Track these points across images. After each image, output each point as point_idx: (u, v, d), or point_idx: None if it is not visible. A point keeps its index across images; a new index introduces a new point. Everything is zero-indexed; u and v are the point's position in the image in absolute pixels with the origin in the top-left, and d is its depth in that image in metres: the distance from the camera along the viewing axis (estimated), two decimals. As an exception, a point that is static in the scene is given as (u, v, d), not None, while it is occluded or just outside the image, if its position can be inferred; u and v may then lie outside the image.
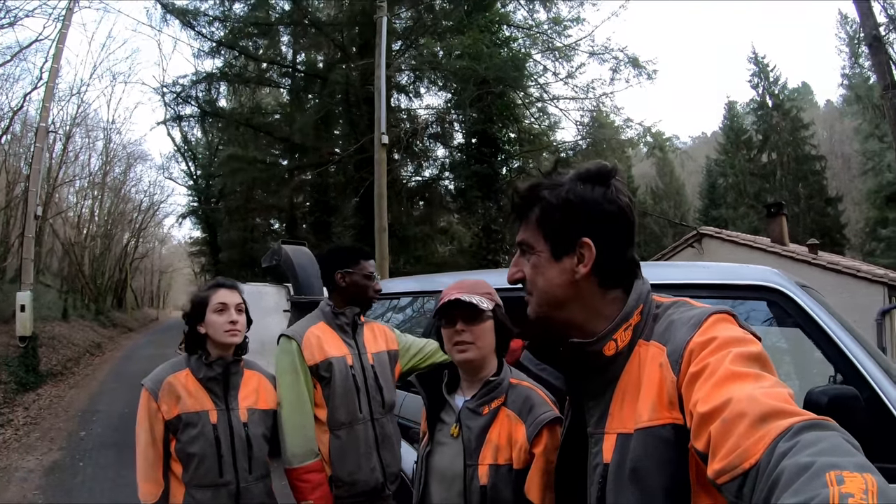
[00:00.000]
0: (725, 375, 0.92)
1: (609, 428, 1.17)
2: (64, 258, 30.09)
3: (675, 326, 1.12)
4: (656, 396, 1.08)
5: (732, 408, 0.85)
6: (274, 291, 9.03)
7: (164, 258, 65.08)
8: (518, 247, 1.32)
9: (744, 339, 1.02)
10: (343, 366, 2.68)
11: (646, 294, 1.24)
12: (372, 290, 2.83)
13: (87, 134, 30.63)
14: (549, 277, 1.24)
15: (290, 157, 23.42)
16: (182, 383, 2.39)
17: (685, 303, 1.21)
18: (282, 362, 2.68)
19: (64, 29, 15.20)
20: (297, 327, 2.81)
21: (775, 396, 0.85)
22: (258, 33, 19.97)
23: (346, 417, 2.64)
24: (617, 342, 1.18)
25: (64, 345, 18.46)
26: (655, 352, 1.13)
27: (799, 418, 0.79)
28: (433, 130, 19.61)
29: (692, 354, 1.02)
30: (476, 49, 15.60)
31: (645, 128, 19.41)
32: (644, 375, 1.13)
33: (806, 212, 38.10)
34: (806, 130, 41.46)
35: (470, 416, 1.83)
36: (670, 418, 1.05)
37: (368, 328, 2.92)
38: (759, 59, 43.94)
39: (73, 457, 8.08)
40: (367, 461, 2.65)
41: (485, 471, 1.73)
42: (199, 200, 33.90)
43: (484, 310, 1.82)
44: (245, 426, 2.44)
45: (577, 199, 1.22)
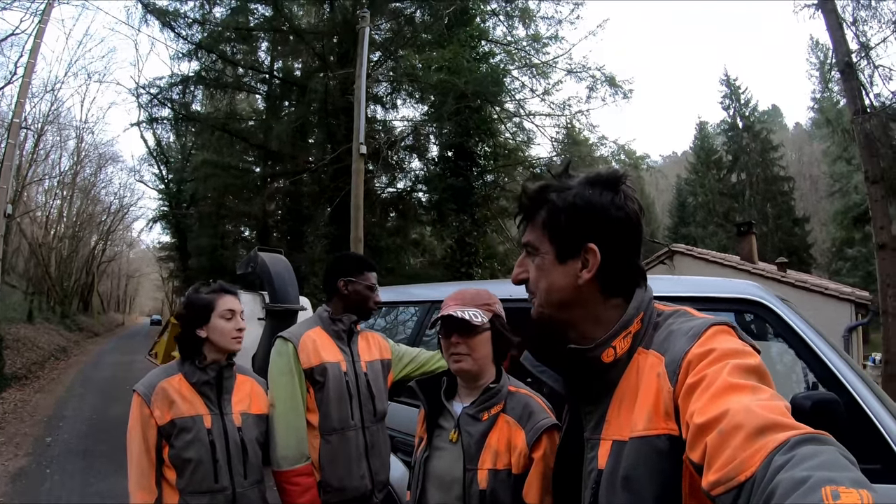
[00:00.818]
0: (723, 387, 0.92)
1: (605, 434, 1.17)
2: (30, 259, 29.65)
3: (674, 336, 1.12)
4: (653, 406, 1.08)
5: (729, 419, 0.85)
6: (249, 299, 8.95)
7: (132, 262, 64.19)
8: (524, 248, 1.32)
9: (742, 351, 1.02)
10: (337, 371, 2.69)
11: (647, 302, 1.24)
12: (373, 300, 2.86)
13: (60, 132, 30.44)
14: (552, 280, 1.24)
15: (264, 165, 23.19)
16: (175, 388, 2.36)
17: (686, 312, 1.21)
18: (277, 364, 2.68)
19: (42, 24, 15.09)
20: (295, 330, 2.83)
21: (772, 409, 0.85)
22: (237, 38, 19.81)
23: (337, 423, 2.65)
24: (616, 349, 1.18)
25: (29, 348, 18.22)
26: (654, 361, 1.13)
27: (796, 432, 0.79)
28: (409, 143, 19.63)
29: (690, 365, 1.02)
30: (456, 63, 15.66)
31: (619, 146, 19.60)
32: (642, 384, 1.13)
33: (774, 231, 38.86)
34: (775, 152, 42.38)
35: (469, 421, 1.85)
36: (666, 429, 1.05)
37: (363, 337, 2.93)
38: (730, 82, 44.82)
39: (40, 463, 7.95)
40: (357, 468, 2.67)
41: (484, 475, 1.76)
42: (169, 205, 33.48)
43: (477, 324, 1.84)
44: (239, 430, 2.42)
45: (585, 203, 1.22)
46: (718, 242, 36.40)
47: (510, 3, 19.29)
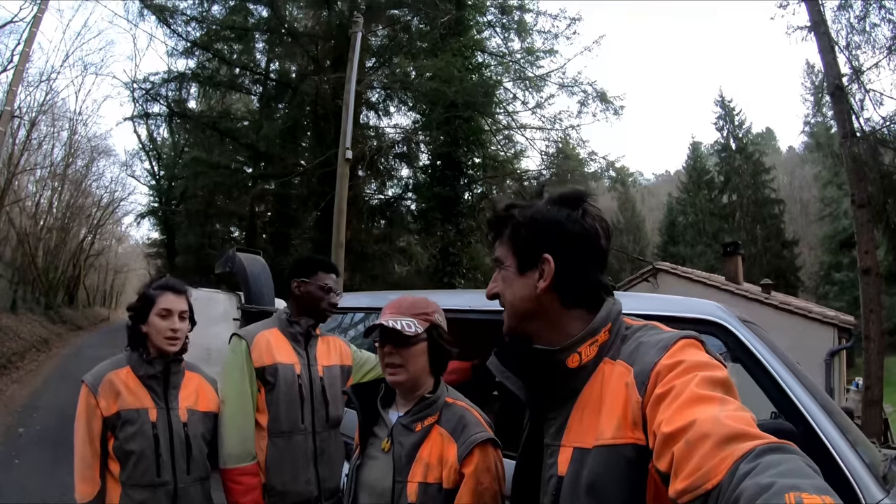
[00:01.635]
0: (691, 398, 0.95)
1: (566, 441, 1.20)
2: (17, 248, 29.37)
3: (643, 348, 1.14)
4: (621, 415, 1.10)
5: (696, 429, 0.87)
6: (224, 299, 8.97)
7: (120, 257, 63.72)
8: (494, 263, 1.38)
9: (710, 364, 1.05)
10: (290, 373, 2.67)
11: (615, 314, 1.27)
12: (326, 302, 2.81)
13: (53, 123, 30.09)
14: (515, 290, 1.31)
15: (254, 165, 23.19)
16: (122, 380, 2.37)
17: (654, 326, 1.24)
18: (229, 361, 2.68)
19: (40, 13, 15.07)
20: (250, 329, 2.82)
21: (739, 420, 0.87)
22: (234, 37, 19.77)
23: (286, 426, 2.63)
24: (581, 356, 1.21)
25: (10, 337, 18.11)
26: (622, 371, 1.15)
27: (761, 441, 0.81)
28: (399, 150, 19.65)
29: (659, 376, 1.05)
30: (447, 72, 15.66)
31: (608, 162, 19.61)
32: (607, 393, 1.15)
33: (763, 253, 39.01)
34: (767, 174, 42.62)
35: (402, 431, 1.83)
36: (633, 438, 1.07)
37: (324, 341, 2.91)
38: (725, 103, 45.04)
39: (9, 452, 7.99)
40: (303, 473, 2.64)
41: (413, 489, 1.73)
42: (159, 201, 33.40)
43: (409, 335, 1.81)
44: (185, 426, 2.44)
45: (542, 217, 1.28)
46: (707, 262, 36.47)
47: (507, 15, 19.34)
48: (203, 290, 9.40)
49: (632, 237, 52.61)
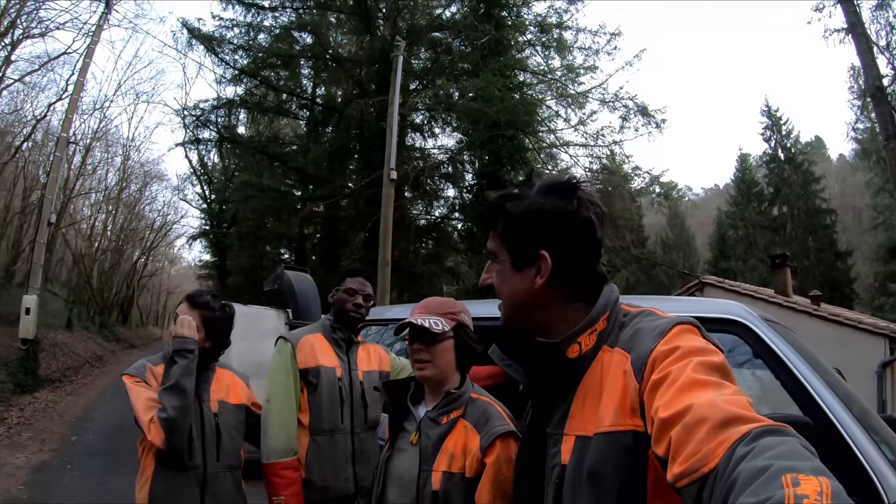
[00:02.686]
0: (687, 383, 0.94)
1: (568, 430, 1.19)
2: (73, 269, 30.23)
3: (640, 335, 1.14)
4: (619, 402, 1.09)
5: (693, 413, 0.87)
6: (273, 315, 9.22)
7: (173, 278, 65.03)
8: (489, 253, 1.36)
9: (706, 349, 1.05)
10: (331, 376, 2.77)
11: (613, 302, 1.26)
12: (351, 304, 2.85)
13: (107, 149, 31.09)
14: (512, 286, 1.29)
15: (303, 188, 23.61)
16: (160, 374, 2.53)
17: (651, 313, 1.24)
18: (275, 361, 2.79)
19: (92, 45, 15.72)
20: (296, 332, 2.92)
21: (735, 403, 0.87)
22: (280, 64, 20.36)
23: (327, 425, 2.72)
24: (581, 345, 1.20)
25: (65, 353, 18.61)
26: (620, 358, 1.14)
27: (758, 424, 0.81)
28: (444, 170, 19.79)
29: (655, 362, 1.04)
30: (488, 92, 15.73)
31: (653, 177, 19.48)
32: (607, 381, 1.15)
33: (815, 265, 37.79)
34: (817, 184, 41.35)
35: (429, 424, 1.90)
36: (632, 425, 1.06)
37: (364, 348, 2.99)
38: (772, 112, 43.98)
39: (62, 459, 8.27)
40: (342, 470, 2.73)
41: (438, 477, 1.80)
42: (211, 224, 33.91)
43: (437, 332, 1.90)
44: (215, 416, 2.59)
45: (537, 211, 1.25)
46: (759, 277, 35.45)
47: (546, 33, 19.38)
48: (253, 307, 9.68)
49: (681, 253, 51.49)
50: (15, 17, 16.96)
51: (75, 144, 22.93)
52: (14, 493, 6.67)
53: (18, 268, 19.69)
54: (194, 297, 2.68)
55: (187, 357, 2.45)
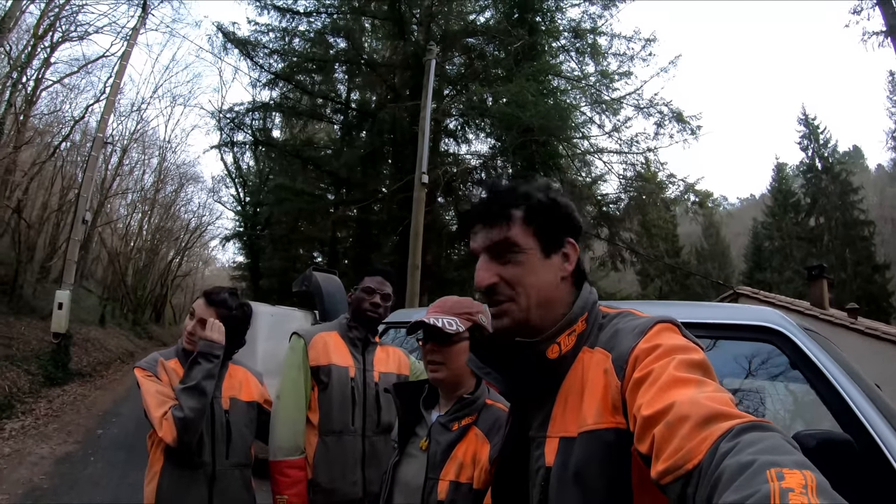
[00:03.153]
0: (669, 380, 0.94)
1: (551, 432, 1.18)
2: (108, 267, 30.81)
3: (620, 334, 1.14)
4: (601, 401, 1.10)
5: (676, 411, 0.87)
6: (301, 316, 9.26)
7: (207, 279, 65.75)
8: (492, 248, 1.27)
9: (687, 346, 1.05)
10: (343, 375, 2.72)
11: (592, 304, 1.27)
12: (368, 302, 2.81)
13: (144, 150, 31.84)
14: (540, 276, 1.25)
15: (336, 192, 23.74)
16: (171, 367, 2.56)
17: (630, 313, 1.24)
18: (288, 357, 2.76)
19: (129, 48, 15.98)
20: (311, 329, 2.90)
21: (717, 400, 0.87)
22: (314, 69, 20.52)
23: (337, 426, 2.67)
24: (560, 346, 1.20)
25: (97, 348, 19.00)
26: (600, 358, 1.15)
27: (740, 420, 0.81)
28: (478, 176, 19.75)
29: (637, 360, 1.05)
30: (521, 97, 15.66)
31: (688, 185, 19.24)
32: (588, 381, 1.15)
33: (853, 278, 37.06)
34: (855, 195, 40.56)
35: (440, 430, 1.85)
36: (614, 423, 1.06)
37: (383, 349, 2.93)
38: (809, 121, 43.28)
39: (86, 451, 8.38)
40: (350, 473, 2.67)
41: (445, 486, 1.74)
42: (245, 226, 34.23)
43: (451, 332, 1.83)
44: (226, 413, 2.59)
45: (563, 202, 1.30)
46: (795, 289, 34.88)
47: (580, 39, 19.27)
48: (280, 307, 9.73)
49: (716, 263, 50.82)
50: (54, 21, 17.32)
51: (112, 145, 23.39)
52: (36, 483, 6.77)
53: (54, 264, 20.07)
54: (211, 294, 2.67)
55: (212, 361, 2.47)
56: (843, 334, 13.26)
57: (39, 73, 18.21)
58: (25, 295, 17.24)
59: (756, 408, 2.71)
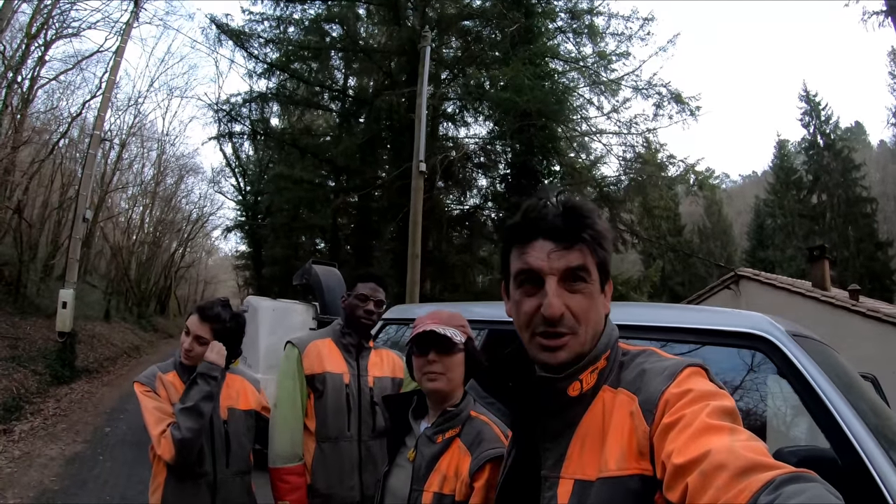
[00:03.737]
0: (702, 427, 0.91)
1: (566, 473, 1.13)
2: (111, 261, 30.91)
3: (647, 376, 1.10)
4: (626, 446, 1.05)
5: (711, 460, 0.84)
6: (302, 309, 9.29)
7: (210, 269, 66.07)
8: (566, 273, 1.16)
9: (718, 393, 1.01)
10: (338, 382, 2.78)
11: (614, 341, 1.22)
12: (362, 310, 2.86)
13: (142, 144, 31.82)
14: (598, 309, 1.19)
15: (335, 179, 23.82)
16: (170, 381, 2.62)
17: (654, 352, 1.19)
18: (283, 366, 2.83)
19: (123, 43, 15.92)
20: (304, 337, 2.95)
21: (754, 450, 0.84)
22: (310, 57, 20.50)
23: (333, 432, 2.74)
24: (582, 383, 1.15)
25: (103, 344, 19.05)
26: (625, 399, 1.11)
27: (780, 471, 0.78)
28: (477, 160, 19.70)
29: (667, 405, 1.01)
30: (517, 81, 15.58)
31: (688, 165, 19.15)
32: (611, 423, 1.10)
33: (855, 256, 36.94)
34: (857, 171, 40.35)
35: (425, 442, 1.87)
36: (638, 469, 1.02)
37: (377, 354, 2.99)
38: (810, 98, 42.95)
39: (95, 450, 8.45)
40: (347, 478, 2.73)
41: (429, 497, 1.76)
42: (246, 215, 34.41)
43: (457, 343, 1.87)
44: (225, 423, 2.64)
45: (610, 235, 1.21)
46: (797, 267, 34.81)
47: (577, 20, 19.12)
48: (282, 301, 9.75)
49: (718, 242, 50.67)
50: (47, 18, 17.25)
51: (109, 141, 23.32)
52: (47, 485, 6.80)
53: (57, 262, 20.13)
54: (205, 309, 2.70)
55: (210, 383, 2.51)
56: (844, 316, 13.27)
57: (34, 72, 18.15)
58: (29, 294, 17.29)
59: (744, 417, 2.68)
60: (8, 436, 8.62)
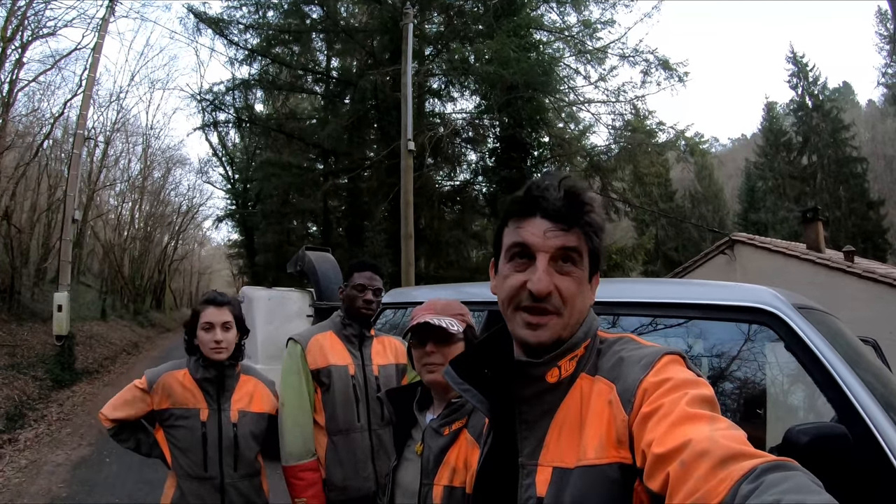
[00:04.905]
0: (682, 416, 0.91)
1: (543, 460, 1.12)
2: (104, 259, 30.87)
3: (625, 364, 1.10)
4: (604, 434, 1.05)
5: (692, 449, 0.84)
6: (298, 297, 9.22)
7: (203, 260, 66.11)
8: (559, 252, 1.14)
9: (696, 381, 1.01)
10: (344, 374, 2.76)
11: (594, 331, 1.21)
12: (361, 300, 2.84)
13: (127, 139, 31.50)
14: (584, 297, 1.18)
15: (324, 162, 23.75)
16: (179, 381, 2.57)
17: (631, 339, 1.19)
18: (286, 364, 2.80)
19: (100, 39, 15.66)
20: (306, 332, 2.92)
21: (734, 438, 0.84)
22: (291, 40, 20.31)
23: (343, 425, 2.73)
24: (560, 370, 1.14)
25: (101, 343, 18.96)
26: (603, 388, 1.10)
27: (761, 460, 0.78)
28: (465, 134, 19.60)
29: (646, 394, 1.01)
30: (503, 53, 15.51)
31: (678, 132, 19.15)
32: (588, 411, 1.10)
33: (847, 216, 37.03)
34: (847, 132, 40.30)
35: (432, 435, 1.81)
36: (617, 457, 1.02)
37: (379, 341, 2.97)
38: (797, 59, 42.83)
39: (101, 453, 8.36)
40: (361, 469, 2.73)
41: (439, 491, 1.70)
42: (236, 204, 34.32)
43: (454, 333, 1.85)
44: (234, 426, 2.58)
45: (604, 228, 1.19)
46: (790, 228, 34.88)
47: (561, -12, 18.92)
48: (277, 290, 9.68)
49: (710, 206, 50.67)
50: (21, 19, 17.01)
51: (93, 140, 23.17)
52: (55, 492, 6.75)
53: (49, 265, 20.07)
54: (216, 298, 2.65)
55: None
56: (839, 277, 13.27)
57: (13, 75, 17.85)
58: (24, 300, 17.24)
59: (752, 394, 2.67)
60: (13, 445, 8.56)
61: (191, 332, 2.61)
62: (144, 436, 2.70)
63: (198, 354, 2.59)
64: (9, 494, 6.70)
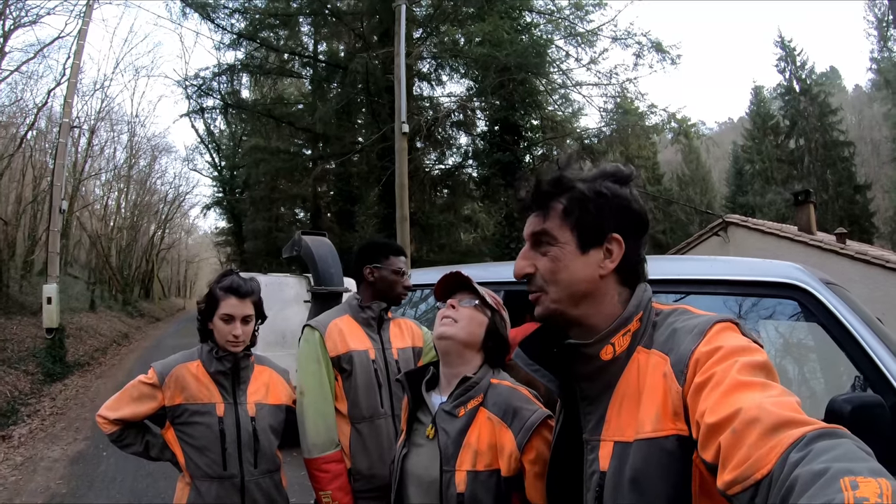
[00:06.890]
0: (733, 385, 0.91)
1: (605, 435, 1.15)
2: (91, 250, 30.69)
3: (678, 335, 1.10)
4: (660, 407, 1.06)
5: (742, 417, 0.84)
6: (295, 282, 9.11)
7: (191, 248, 65.94)
8: (532, 238, 1.26)
9: (749, 348, 1.00)
10: (365, 359, 2.64)
11: (647, 301, 1.21)
12: (401, 286, 2.78)
13: (112, 128, 31.31)
14: (574, 271, 1.20)
15: (313, 147, 23.61)
16: (192, 374, 2.42)
17: (686, 310, 1.19)
18: (305, 351, 2.65)
19: (84, 26, 15.49)
20: (323, 318, 2.78)
21: (785, 406, 0.83)
22: (278, 24, 20.02)
23: (367, 412, 2.61)
24: (615, 347, 1.16)
25: (91, 335, 18.87)
26: (658, 361, 1.11)
27: (811, 427, 0.77)
28: (455, 118, 19.49)
29: (698, 364, 1.00)
30: (496, 35, 15.42)
31: (669, 114, 19.09)
32: (645, 384, 1.11)
33: (834, 199, 37.39)
34: (834, 116, 40.65)
35: (446, 418, 1.73)
36: (674, 429, 1.03)
37: (395, 324, 2.87)
38: (785, 43, 43.06)
39: (97, 446, 8.26)
40: (388, 455, 2.55)
41: (462, 477, 1.64)
42: (223, 191, 34.13)
43: (482, 296, 1.81)
44: (252, 420, 2.45)
45: (612, 193, 1.21)
46: (777, 211, 35.21)
47: (552, -31, 18.79)
48: (273, 276, 9.56)
49: (698, 189, 51.04)
50: (3, 8, 16.72)
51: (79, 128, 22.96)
52: (54, 489, 6.65)
53: (37, 256, 19.94)
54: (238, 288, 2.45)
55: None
56: (832, 259, 13.42)
57: (-5, 66, 17.66)
58: (12, 293, 17.08)
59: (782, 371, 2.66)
60: (7, 442, 8.47)
61: (205, 316, 2.45)
62: (153, 437, 2.56)
63: (211, 345, 2.45)
64: (6, 493, 6.60)
